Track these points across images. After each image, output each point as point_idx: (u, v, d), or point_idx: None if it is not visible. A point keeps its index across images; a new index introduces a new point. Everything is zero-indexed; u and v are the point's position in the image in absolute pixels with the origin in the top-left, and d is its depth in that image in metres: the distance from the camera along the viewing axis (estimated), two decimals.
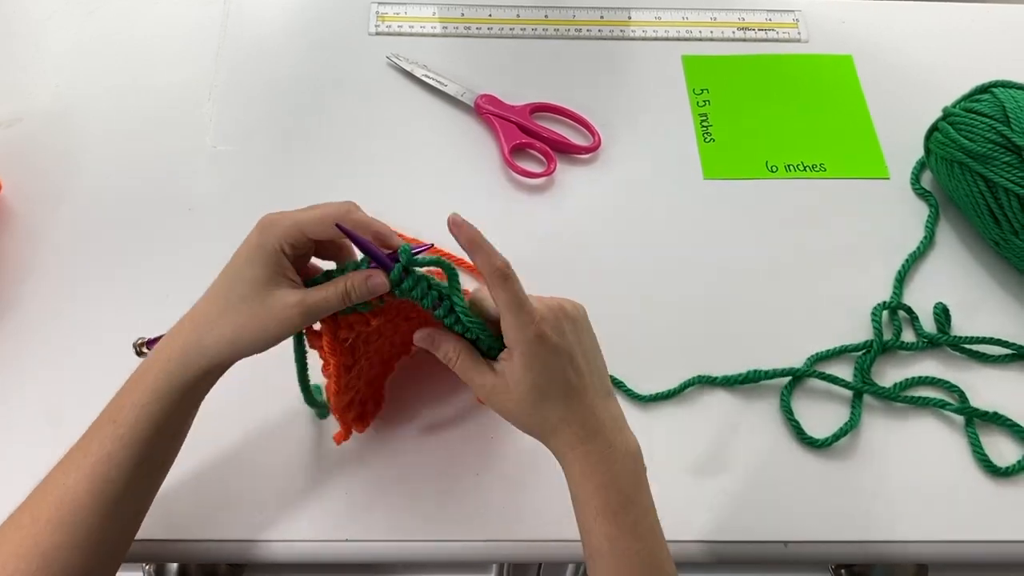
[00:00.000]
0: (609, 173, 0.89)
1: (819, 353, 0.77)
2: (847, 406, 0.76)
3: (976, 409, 0.75)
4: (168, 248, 0.81)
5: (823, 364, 0.78)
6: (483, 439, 0.71)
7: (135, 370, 0.58)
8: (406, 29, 0.97)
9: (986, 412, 0.75)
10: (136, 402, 0.56)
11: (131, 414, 0.55)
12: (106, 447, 0.55)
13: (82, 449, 0.56)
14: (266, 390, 0.71)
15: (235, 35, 0.96)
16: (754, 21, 1.01)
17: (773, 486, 0.72)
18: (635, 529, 0.56)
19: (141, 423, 0.55)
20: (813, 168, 0.90)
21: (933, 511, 0.71)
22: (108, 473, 0.55)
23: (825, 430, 0.74)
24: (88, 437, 0.56)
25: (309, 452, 0.71)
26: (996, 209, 0.79)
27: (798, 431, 0.74)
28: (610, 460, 0.56)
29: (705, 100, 0.94)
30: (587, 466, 0.56)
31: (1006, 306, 0.82)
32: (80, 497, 0.54)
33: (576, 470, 0.57)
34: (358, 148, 0.88)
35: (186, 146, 0.88)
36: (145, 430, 0.56)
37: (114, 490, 0.55)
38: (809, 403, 0.76)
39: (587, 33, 0.98)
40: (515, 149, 0.88)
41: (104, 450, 0.55)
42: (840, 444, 0.74)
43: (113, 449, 0.55)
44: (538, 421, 0.57)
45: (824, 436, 0.74)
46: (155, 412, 0.56)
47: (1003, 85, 0.83)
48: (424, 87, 0.93)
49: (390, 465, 0.70)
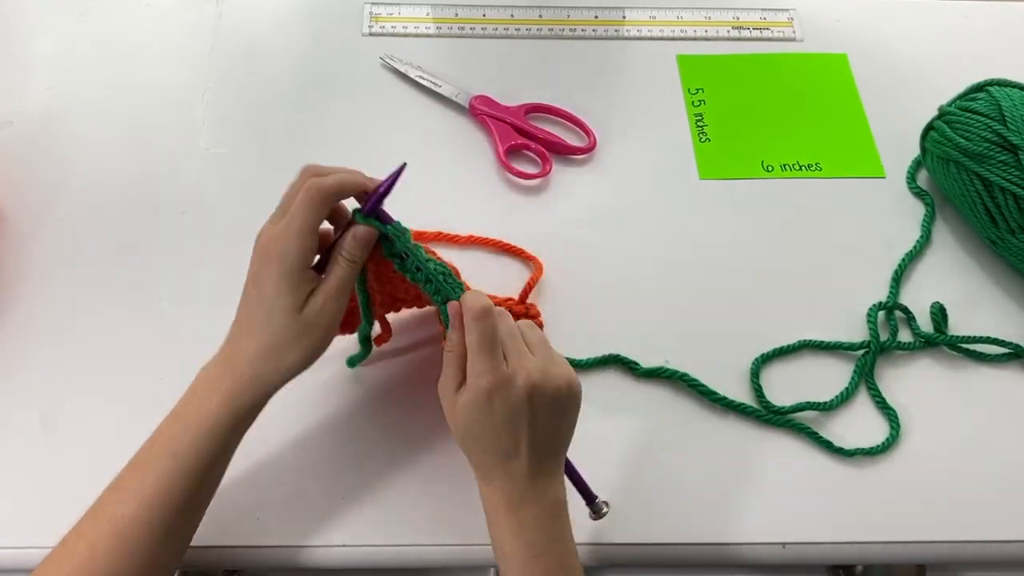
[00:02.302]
0: (605, 174, 0.88)
1: (810, 341, 0.78)
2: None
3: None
4: (162, 252, 0.80)
5: (814, 352, 0.78)
6: None
7: (185, 398, 0.59)
8: (400, 30, 0.97)
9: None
10: (197, 438, 0.57)
11: (192, 449, 0.56)
12: (164, 481, 0.56)
13: (139, 479, 0.56)
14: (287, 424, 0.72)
15: (227, 37, 0.96)
16: (749, 20, 1.00)
17: (770, 487, 0.72)
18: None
19: (202, 458, 0.57)
20: (809, 168, 0.90)
21: (933, 511, 0.71)
22: (165, 503, 0.56)
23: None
24: (145, 467, 0.57)
25: (305, 456, 0.71)
26: (992, 208, 0.79)
27: (813, 437, 0.74)
28: (534, 528, 0.58)
29: (700, 100, 0.94)
30: (508, 522, 0.59)
31: (1003, 305, 0.82)
32: (138, 528, 0.55)
33: (491, 511, 0.60)
34: (351, 150, 0.87)
35: (179, 148, 0.87)
36: (205, 464, 0.57)
37: (172, 519, 0.56)
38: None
39: (582, 33, 0.98)
40: (510, 150, 0.88)
41: (163, 483, 0.56)
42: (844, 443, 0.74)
43: (172, 481, 0.56)
44: (469, 456, 0.60)
45: (854, 447, 0.74)
46: (215, 448, 0.57)
47: (999, 84, 0.83)
48: (418, 88, 0.92)
49: (385, 470, 0.70)
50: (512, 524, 0.57)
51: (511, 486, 0.58)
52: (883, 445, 0.73)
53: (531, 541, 0.57)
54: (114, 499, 0.56)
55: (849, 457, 0.73)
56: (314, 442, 0.71)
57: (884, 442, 0.73)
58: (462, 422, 0.58)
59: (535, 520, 0.57)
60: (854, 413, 0.76)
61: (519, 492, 0.58)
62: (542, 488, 0.58)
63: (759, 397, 0.75)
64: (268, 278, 0.57)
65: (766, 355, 0.77)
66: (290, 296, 0.57)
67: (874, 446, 0.73)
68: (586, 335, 0.77)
